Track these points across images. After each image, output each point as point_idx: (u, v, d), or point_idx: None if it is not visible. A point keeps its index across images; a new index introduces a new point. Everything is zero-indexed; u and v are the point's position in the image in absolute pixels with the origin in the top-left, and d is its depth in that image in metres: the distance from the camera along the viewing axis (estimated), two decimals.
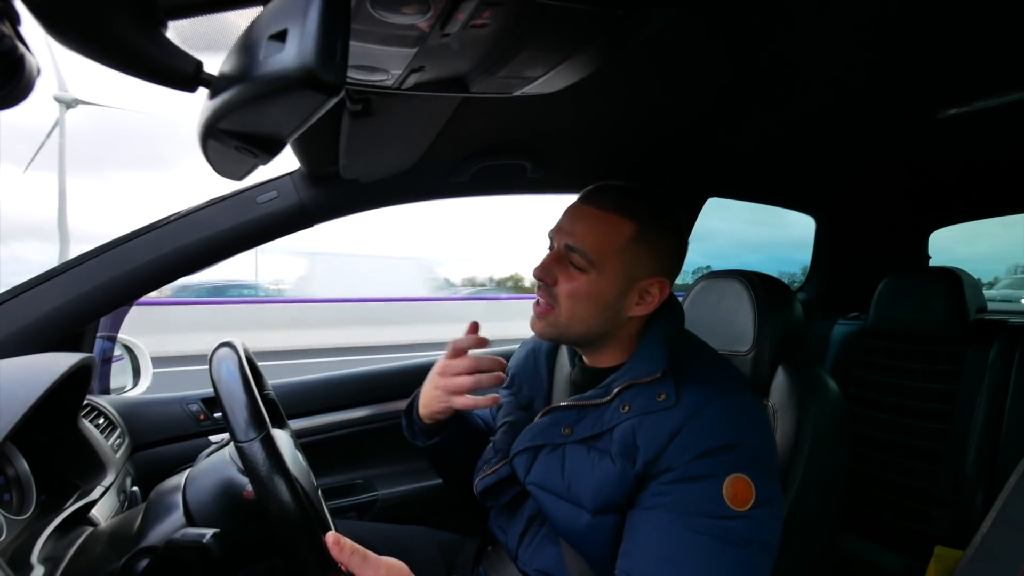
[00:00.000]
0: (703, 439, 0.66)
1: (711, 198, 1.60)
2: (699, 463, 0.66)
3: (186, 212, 0.99)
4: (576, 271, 0.75)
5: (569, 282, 0.75)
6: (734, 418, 0.69)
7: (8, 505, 0.70)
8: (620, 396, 0.74)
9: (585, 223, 0.75)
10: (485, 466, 0.87)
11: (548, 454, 0.78)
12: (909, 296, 1.52)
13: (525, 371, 0.94)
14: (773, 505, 0.67)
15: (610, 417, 0.73)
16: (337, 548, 0.58)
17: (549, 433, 0.79)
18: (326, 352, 7.99)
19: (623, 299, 0.76)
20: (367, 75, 0.60)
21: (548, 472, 0.77)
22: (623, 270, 0.74)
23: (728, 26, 0.69)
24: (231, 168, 0.49)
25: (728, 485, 0.65)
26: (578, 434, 0.76)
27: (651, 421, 0.70)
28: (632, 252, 0.74)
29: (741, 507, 0.64)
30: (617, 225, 0.74)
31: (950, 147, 1.36)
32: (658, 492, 0.67)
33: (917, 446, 1.45)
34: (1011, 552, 0.46)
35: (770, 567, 0.68)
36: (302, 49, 0.31)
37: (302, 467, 0.78)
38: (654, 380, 0.72)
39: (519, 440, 0.82)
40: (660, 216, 0.77)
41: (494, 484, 0.84)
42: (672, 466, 0.67)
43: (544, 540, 0.81)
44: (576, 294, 0.74)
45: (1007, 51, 0.79)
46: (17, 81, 0.34)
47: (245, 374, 0.65)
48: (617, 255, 0.74)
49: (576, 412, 0.77)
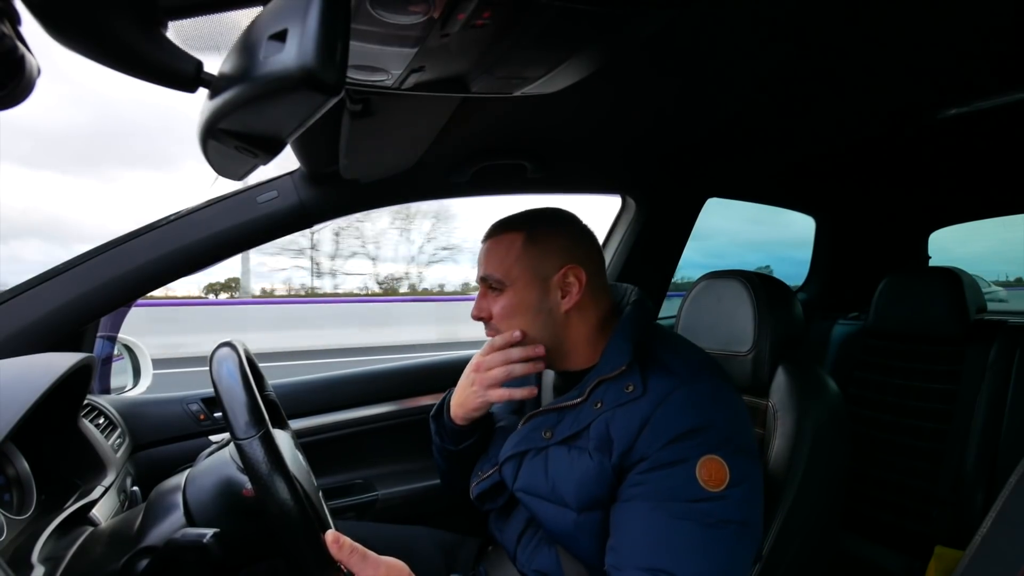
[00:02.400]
0: (672, 425, 0.69)
1: (711, 198, 1.60)
2: (670, 449, 0.68)
3: (186, 212, 0.99)
4: (497, 295, 0.82)
5: (496, 305, 0.81)
6: (701, 401, 0.71)
7: (8, 505, 0.70)
8: (593, 393, 0.76)
9: (487, 255, 0.83)
10: (479, 471, 0.88)
11: (532, 459, 0.80)
12: (909, 296, 1.52)
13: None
14: (749, 483, 0.69)
15: (586, 415, 0.76)
16: (336, 547, 0.58)
17: (531, 438, 0.80)
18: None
19: (546, 299, 0.80)
20: (367, 75, 0.60)
21: (533, 476, 0.78)
22: (530, 273, 0.80)
23: (727, 27, 0.69)
24: (231, 168, 0.49)
25: (701, 467, 0.66)
26: (558, 435, 0.77)
27: (622, 413, 0.72)
28: (530, 255, 0.80)
29: (716, 487, 0.66)
30: (508, 241, 0.82)
31: (950, 147, 1.36)
32: (635, 483, 0.69)
33: (917, 446, 1.45)
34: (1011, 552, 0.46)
35: (754, 547, 0.69)
36: (302, 49, 0.31)
37: (302, 467, 0.78)
38: (621, 373, 0.75)
39: (504, 448, 0.83)
40: (543, 217, 0.84)
41: (488, 489, 0.86)
42: (645, 455, 0.69)
43: (541, 542, 0.82)
44: (505, 312, 0.81)
45: (1007, 51, 0.79)
46: (17, 81, 0.34)
47: (245, 373, 0.65)
48: (517, 263, 0.80)
49: (556, 415, 0.80)
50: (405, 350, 7.61)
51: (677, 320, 1.09)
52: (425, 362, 1.47)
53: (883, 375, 1.56)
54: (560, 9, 0.51)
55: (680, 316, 1.09)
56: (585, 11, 0.52)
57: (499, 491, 0.86)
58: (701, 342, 0.99)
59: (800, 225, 2.14)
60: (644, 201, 1.49)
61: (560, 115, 0.96)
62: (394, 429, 1.36)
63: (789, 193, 1.84)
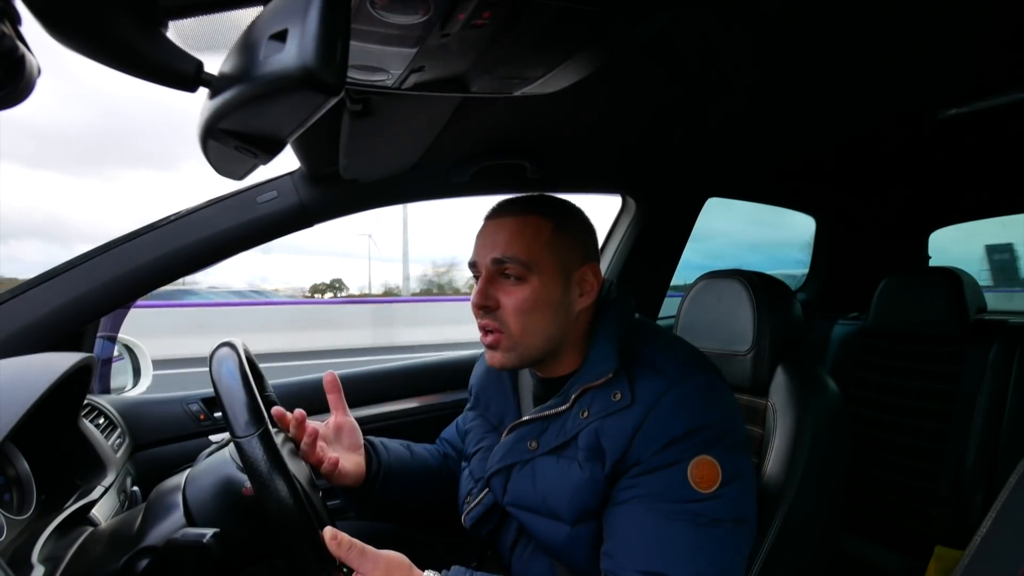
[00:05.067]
0: (665, 430, 0.66)
1: (711, 198, 1.60)
2: (664, 453, 0.66)
3: (186, 212, 0.99)
4: (515, 283, 0.72)
5: (512, 296, 0.72)
6: (692, 402, 0.68)
7: (8, 505, 0.70)
8: (579, 401, 0.73)
9: (506, 231, 0.73)
10: (468, 497, 0.84)
11: (519, 471, 0.77)
12: (909, 296, 1.52)
13: (488, 388, 0.91)
14: (741, 480, 0.67)
15: (572, 424, 0.72)
16: (335, 543, 0.58)
17: (517, 450, 0.77)
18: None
19: (567, 295, 0.74)
20: (367, 75, 0.60)
21: (522, 489, 0.76)
22: (557, 264, 0.73)
23: (727, 27, 0.69)
24: (231, 168, 0.49)
25: (692, 469, 0.65)
26: (544, 446, 0.75)
27: (612, 422, 0.69)
28: (557, 245, 0.73)
29: (708, 488, 0.65)
30: (535, 225, 0.73)
31: (950, 147, 1.36)
32: (627, 486, 0.68)
33: (917, 446, 1.45)
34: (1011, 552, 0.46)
35: (748, 543, 0.69)
36: (302, 49, 0.31)
37: (302, 467, 0.78)
38: (607, 381, 0.71)
39: (490, 462, 0.80)
40: (565, 208, 0.77)
41: (483, 514, 0.82)
42: (640, 459, 0.67)
43: (535, 551, 0.79)
44: (523, 306, 0.72)
45: (1007, 51, 0.79)
46: (17, 81, 0.34)
47: (245, 372, 0.65)
48: (545, 250, 0.72)
49: (540, 424, 0.76)
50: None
51: (676, 320, 1.09)
52: (425, 362, 1.48)
53: (883, 375, 1.56)
54: (559, 9, 0.51)
55: (679, 316, 1.09)
56: (585, 11, 0.52)
57: (494, 512, 0.82)
58: (700, 342, 1.00)
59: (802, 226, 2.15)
60: (644, 201, 1.49)
61: (560, 115, 0.96)
62: (394, 429, 1.36)
63: (789, 193, 1.84)
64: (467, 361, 1.42)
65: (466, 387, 0.99)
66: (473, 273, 0.77)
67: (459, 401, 1.02)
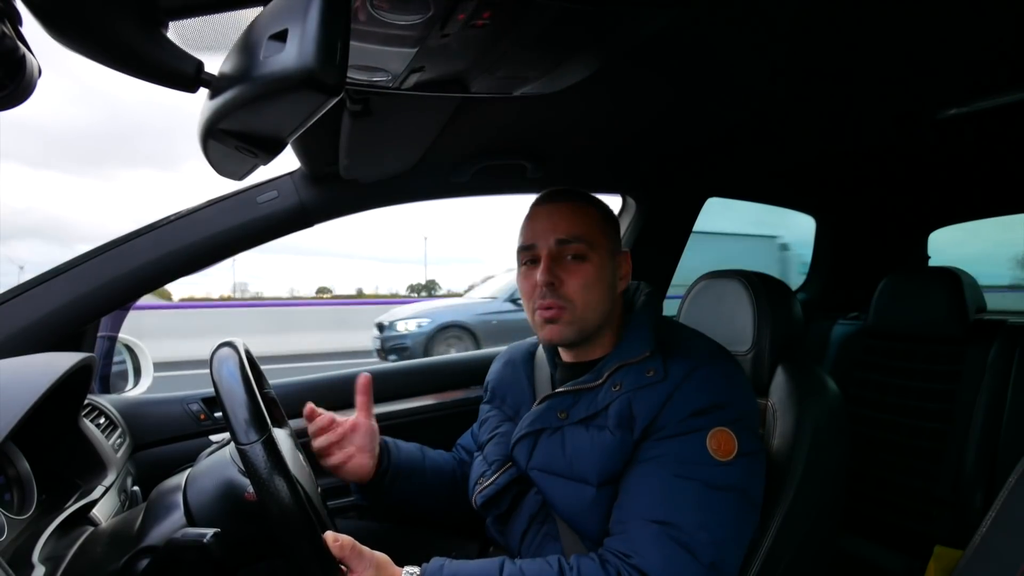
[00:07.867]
0: (692, 400, 0.72)
1: (711, 198, 1.60)
2: (687, 421, 0.72)
3: (186, 212, 0.99)
4: (576, 262, 0.79)
5: (577, 275, 0.78)
6: (719, 381, 0.75)
7: (9, 505, 0.70)
8: (612, 377, 0.78)
9: (566, 214, 0.80)
10: (481, 479, 0.88)
11: (548, 437, 0.81)
12: (909, 296, 1.52)
13: (504, 382, 0.96)
14: (754, 458, 0.73)
15: (603, 397, 0.77)
16: (337, 546, 0.60)
17: (546, 417, 0.82)
18: None
19: (615, 275, 0.82)
20: (367, 75, 0.60)
21: (550, 455, 0.80)
22: (609, 246, 0.82)
23: (727, 27, 0.69)
24: (231, 168, 0.49)
25: (711, 438, 0.71)
26: (574, 416, 0.79)
27: (644, 394, 0.75)
28: (604, 230, 0.82)
29: (724, 457, 0.70)
30: (587, 210, 0.82)
31: (950, 147, 1.36)
32: (649, 448, 0.73)
33: (917, 446, 1.45)
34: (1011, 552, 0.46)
35: (754, 520, 0.74)
36: (302, 49, 0.31)
37: (303, 468, 0.78)
38: (643, 359, 0.77)
39: (519, 427, 0.84)
40: (600, 200, 0.86)
41: (494, 494, 0.85)
42: (664, 425, 0.72)
43: (546, 538, 0.82)
44: (588, 283, 0.78)
45: (1007, 51, 0.79)
46: (18, 82, 0.34)
47: (246, 375, 0.64)
48: (601, 234, 0.81)
49: (571, 397, 0.81)
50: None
51: (677, 319, 1.09)
52: (425, 362, 1.48)
53: (883, 375, 1.56)
54: (560, 9, 0.51)
55: (679, 316, 1.09)
56: (585, 11, 0.52)
57: (505, 493, 0.85)
58: None
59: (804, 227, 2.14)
60: (644, 201, 1.49)
61: (560, 115, 0.96)
62: (394, 429, 1.36)
63: (789, 193, 1.84)
64: (486, 358, 1.42)
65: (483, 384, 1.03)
66: (526, 257, 0.83)
67: (479, 399, 1.04)
